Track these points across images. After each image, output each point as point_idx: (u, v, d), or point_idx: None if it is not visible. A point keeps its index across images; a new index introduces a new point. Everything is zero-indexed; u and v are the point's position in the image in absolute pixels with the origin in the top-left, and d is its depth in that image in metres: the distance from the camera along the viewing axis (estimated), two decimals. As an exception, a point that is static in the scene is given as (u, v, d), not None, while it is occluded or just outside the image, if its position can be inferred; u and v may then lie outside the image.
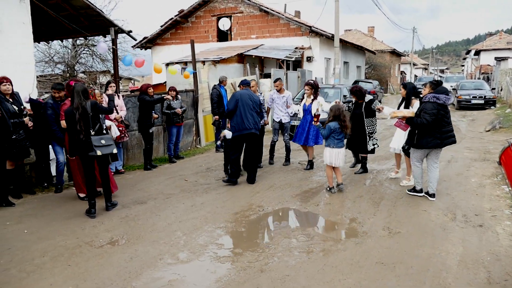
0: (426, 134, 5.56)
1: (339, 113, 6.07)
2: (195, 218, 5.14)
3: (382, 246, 4.30)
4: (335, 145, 6.12)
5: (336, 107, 6.18)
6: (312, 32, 18.93)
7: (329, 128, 6.06)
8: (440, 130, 5.58)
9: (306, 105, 7.59)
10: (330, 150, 6.14)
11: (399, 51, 40.49)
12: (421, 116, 5.49)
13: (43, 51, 18.18)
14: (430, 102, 5.49)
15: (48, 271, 3.75)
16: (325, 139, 6.19)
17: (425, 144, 5.62)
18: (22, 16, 6.66)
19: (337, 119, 6.06)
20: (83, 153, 5.10)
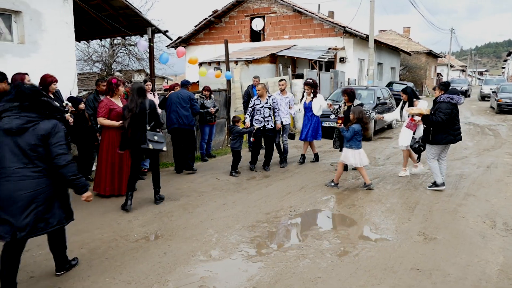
0: (440, 131, 6.07)
1: (362, 115, 6.29)
2: (227, 217, 5.18)
3: (417, 251, 4.20)
4: (357, 147, 6.33)
5: (358, 110, 6.38)
6: (346, 32, 18.68)
7: (353, 130, 6.24)
8: (452, 127, 6.13)
9: (306, 103, 8.03)
10: (352, 152, 6.32)
11: (435, 52, 39.31)
12: (437, 115, 5.97)
13: (83, 50, 18.87)
14: (445, 102, 6.01)
15: (86, 263, 3.88)
16: (348, 141, 6.34)
17: (440, 140, 6.11)
18: (65, 16, 6.93)
19: (360, 121, 6.27)
20: (135, 146, 5.36)
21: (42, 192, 3.18)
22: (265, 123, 7.48)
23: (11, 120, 3.12)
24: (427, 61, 36.42)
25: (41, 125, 3.19)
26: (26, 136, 3.14)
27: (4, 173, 3.10)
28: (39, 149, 3.17)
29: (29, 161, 3.15)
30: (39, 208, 3.16)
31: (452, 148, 10.11)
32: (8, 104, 3.18)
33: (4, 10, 6.13)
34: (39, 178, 3.18)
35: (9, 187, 3.09)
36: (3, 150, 3.12)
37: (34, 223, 3.14)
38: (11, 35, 6.34)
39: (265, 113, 7.49)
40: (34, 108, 3.22)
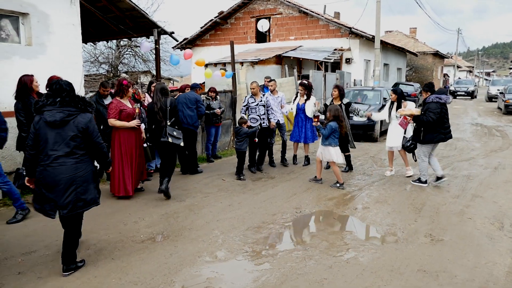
0: (431, 131, 6.29)
1: (338, 113, 6.48)
2: (233, 218, 5.18)
3: (423, 253, 4.17)
4: (335, 144, 6.47)
5: (334, 108, 6.56)
6: (352, 33, 18.64)
7: (331, 128, 6.39)
8: (442, 126, 6.36)
9: (299, 104, 7.99)
10: (333, 149, 6.45)
11: (442, 53, 39.08)
12: (427, 115, 6.21)
13: (89, 52, 18.99)
14: (434, 102, 6.24)
15: (93, 263, 3.90)
16: (325, 139, 6.46)
17: (431, 139, 6.34)
18: (72, 18, 6.96)
19: (336, 119, 6.44)
20: (158, 138, 5.99)
21: (80, 176, 3.63)
22: (261, 121, 7.54)
23: (54, 114, 3.55)
24: (433, 62, 36.22)
25: (79, 118, 3.64)
26: (67, 127, 3.58)
27: (47, 160, 3.55)
28: (77, 139, 3.62)
29: (69, 149, 3.58)
30: (78, 189, 3.61)
31: (459, 149, 10.08)
32: (49, 100, 3.61)
33: (11, 12, 6.18)
34: (77, 164, 3.62)
35: (53, 172, 3.54)
36: (46, 140, 3.56)
37: (74, 202, 3.60)
38: (18, 37, 6.38)
39: (261, 111, 7.54)
40: (72, 102, 3.65)
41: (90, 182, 3.71)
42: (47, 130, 3.56)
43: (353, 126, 10.56)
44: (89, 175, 3.71)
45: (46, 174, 3.55)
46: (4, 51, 6.06)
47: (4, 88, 5.81)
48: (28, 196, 5.88)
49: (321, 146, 6.65)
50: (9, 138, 5.98)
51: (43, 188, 3.57)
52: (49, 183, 3.54)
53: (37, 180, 3.63)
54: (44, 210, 3.63)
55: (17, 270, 3.75)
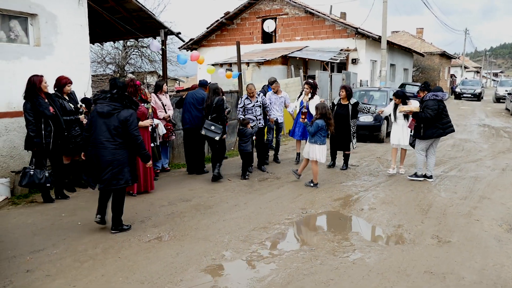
0: (430, 126, 6.63)
1: (325, 111, 6.48)
2: (239, 218, 5.19)
3: (430, 254, 4.15)
4: (321, 142, 6.48)
5: (322, 106, 6.58)
6: (358, 33, 18.59)
7: (317, 126, 6.41)
8: (441, 121, 6.69)
9: (303, 102, 8.00)
10: (319, 147, 6.47)
11: (449, 54, 38.82)
12: (425, 112, 6.55)
13: (96, 52, 19.11)
14: (431, 100, 6.61)
15: (100, 262, 3.93)
16: (312, 136, 6.50)
17: (430, 134, 6.68)
18: (80, 19, 7.02)
19: (323, 117, 6.45)
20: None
21: (117, 159, 4.40)
22: (257, 121, 7.59)
23: (103, 107, 4.39)
24: (440, 63, 35.98)
25: (122, 112, 4.41)
26: (111, 119, 4.38)
27: (95, 142, 4.40)
28: (118, 129, 4.39)
29: (111, 136, 4.38)
30: (114, 170, 4.40)
31: (466, 150, 10.02)
32: (102, 94, 4.49)
33: (20, 13, 6.24)
34: (116, 149, 4.40)
35: (97, 152, 4.39)
36: (97, 127, 4.41)
37: (109, 180, 4.42)
38: (27, 38, 6.44)
39: (257, 111, 7.62)
40: (119, 99, 4.43)
41: (125, 166, 4.47)
42: (97, 118, 4.41)
43: (359, 127, 10.54)
44: (125, 160, 4.46)
45: (93, 153, 4.42)
46: (13, 51, 6.13)
47: (13, 88, 5.87)
48: (36, 195, 5.94)
49: (307, 144, 6.71)
50: (17, 138, 6.07)
51: (90, 164, 4.48)
52: (94, 161, 4.43)
53: (87, 156, 4.55)
54: (89, 182, 4.60)
55: (25, 268, 3.79)
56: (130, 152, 4.54)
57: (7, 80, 5.98)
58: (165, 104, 7.43)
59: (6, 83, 5.97)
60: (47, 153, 5.57)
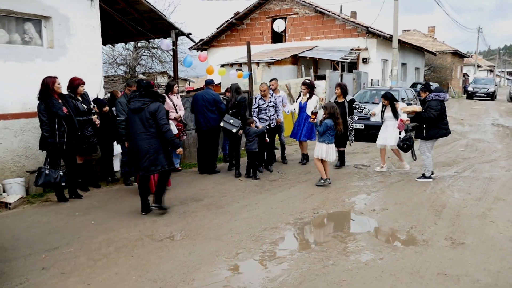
0: (433, 127, 6.68)
1: (333, 111, 6.54)
2: (250, 218, 5.20)
3: (444, 256, 4.11)
4: (330, 141, 6.57)
5: (330, 105, 6.67)
6: (369, 33, 18.47)
7: (326, 125, 6.48)
8: (442, 122, 6.77)
9: (301, 103, 8.09)
10: (326, 146, 6.53)
11: (461, 52, 38.33)
12: (428, 112, 6.60)
13: (108, 53, 19.31)
14: (434, 100, 6.67)
15: (113, 261, 3.97)
16: (320, 135, 6.57)
17: (434, 135, 6.76)
18: (92, 20, 7.09)
19: (332, 116, 6.51)
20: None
21: (152, 148, 5.01)
22: (270, 121, 7.59)
23: (135, 103, 5.08)
24: (452, 61, 35.55)
25: (151, 106, 5.03)
26: (143, 112, 5.02)
27: (133, 135, 5.07)
28: (150, 121, 5.00)
29: (145, 128, 5.01)
30: (151, 157, 5.00)
31: (480, 150, 9.89)
32: (134, 93, 5.23)
33: (34, 15, 6.33)
34: (151, 139, 5.02)
35: (136, 143, 5.04)
36: (133, 121, 5.07)
37: (148, 167, 5.03)
38: (41, 40, 6.53)
39: (271, 112, 7.61)
40: (147, 95, 5.08)
41: (160, 153, 5.07)
42: (132, 115, 5.10)
43: (369, 127, 10.49)
44: (159, 148, 5.06)
45: (133, 145, 5.11)
46: (28, 53, 6.22)
47: (28, 89, 5.95)
48: (50, 194, 6.02)
49: (317, 143, 6.78)
50: (32, 138, 6.16)
51: (131, 155, 5.25)
52: (134, 152, 5.11)
53: (128, 149, 5.37)
54: (130, 171, 5.42)
55: (41, 265, 3.85)
56: (163, 141, 5.11)
57: (22, 81, 6.07)
58: (176, 104, 7.46)
59: (21, 85, 6.06)
60: (61, 153, 5.64)
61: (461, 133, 13.15)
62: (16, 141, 6.07)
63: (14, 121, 6.05)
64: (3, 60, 5.92)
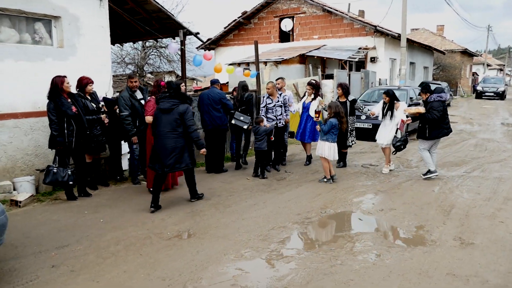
0: (436, 127, 6.77)
1: (338, 110, 6.64)
2: (258, 217, 5.20)
3: (453, 256, 4.08)
4: (333, 140, 6.64)
5: (335, 104, 6.74)
6: (377, 31, 18.36)
7: (331, 124, 6.55)
8: (444, 122, 6.83)
9: (305, 103, 8.09)
10: (329, 145, 6.61)
11: (471, 51, 37.95)
12: (431, 113, 6.65)
13: (116, 53, 19.39)
14: (436, 101, 6.73)
15: (122, 259, 4.00)
16: (325, 134, 6.63)
17: (436, 135, 6.83)
18: (101, 20, 7.14)
19: (337, 115, 6.60)
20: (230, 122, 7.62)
21: (178, 146, 5.28)
22: (277, 121, 7.55)
23: (165, 103, 5.32)
24: (462, 60, 35.23)
25: (180, 107, 5.30)
26: (172, 113, 5.28)
27: (160, 133, 5.29)
28: (178, 121, 5.27)
29: (172, 128, 5.26)
30: (176, 155, 5.27)
31: (490, 150, 9.80)
32: (163, 94, 5.47)
33: (44, 15, 6.39)
34: (177, 138, 5.28)
35: (162, 142, 5.27)
36: (161, 121, 5.30)
37: (173, 164, 5.29)
38: (51, 40, 6.59)
39: (277, 111, 7.57)
40: (176, 96, 5.36)
41: (185, 152, 5.35)
42: (160, 114, 5.33)
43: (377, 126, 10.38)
44: (185, 146, 5.34)
45: (158, 143, 5.30)
46: (38, 53, 6.29)
47: (38, 89, 6.02)
48: (59, 193, 6.08)
49: (319, 141, 6.84)
50: (42, 137, 6.23)
51: (156, 152, 5.33)
52: (159, 149, 5.28)
53: (153, 147, 5.44)
54: (154, 168, 5.36)
55: (51, 263, 3.89)
56: (188, 140, 5.38)
57: (32, 81, 6.14)
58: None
59: (31, 84, 6.13)
60: (69, 151, 5.70)
61: (470, 132, 13.04)
62: (26, 139, 6.14)
63: (25, 120, 6.13)
64: (14, 60, 5.99)
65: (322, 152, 6.68)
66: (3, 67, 5.89)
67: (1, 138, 5.88)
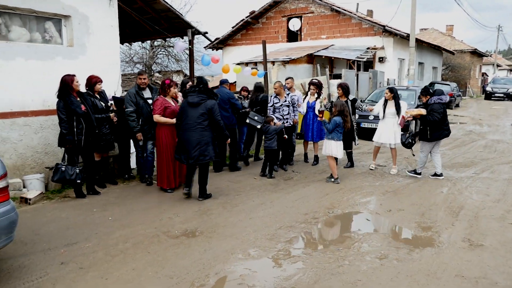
0: (437, 129, 6.84)
1: (343, 108, 6.67)
2: (265, 216, 5.21)
3: (461, 258, 4.05)
4: (338, 138, 6.67)
5: (340, 103, 6.78)
6: (386, 31, 18.27)
7: (335, 122, 6.59)
8: (444, 123, 6.89)
9: (309, 103, 8.17)
10: (335, 143, 6.66)
11: (480, 51, 37.60)
12: (432, 115, 6.73)
13: (124, 52, 19.51)
14: (437, 103, 6.80)
15: (130, 257, 4.03)
16: (330, 133, 6.67)
17: (437, 136, 6.90)
18: (110, 19, 7.19)
19: (341, 114, 6.63)
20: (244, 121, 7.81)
21: (204, 139, 5.56)
22: (284, 121, 7.53)
23: (193, 98, 5.62)
24: (471, 61, 34.91)
25: (208, 102, 5.62)
26: (199, 107, 5.58)
27: (187, 126, 5.58)
28: (205, 115, 5.58)
29: (199, 121, 5.55)
30: (201, 148, 5.55)
31: (499, 151, 9.71)
32: (192, 88, 5.79)
33: (54, 14, 6.45)
34: (203, 131, 5.57)
35: (189, 134, 5.56)
36: (188, 114, 5.60)
37: (198, 156, 5.56)
38: (61, 39, 6.65)
39: (284, 111, 7.55)
40: (205, 92, 5.67)
41: (210, 145, 5.61)
42: (188, 108, 5.61)
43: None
44: (210, 140, 5.62)
45: (184, 135, 5.58)
46: (49, 52, 6.35)
47: (48, 87, 6.07)
48: (68, 191, 6.13)
49: (325, 140, 6.90)
50: (51, 135, 6.29)
51: (181, 144, 5.62)
52: (185, 141, 5.56)
53: (179, 138, 5.71)
54: (180, 159, 5.68)
55: (60, 260, 3.93)
56: (213, 134, 5.69)
57: (42, 79, 6.20)
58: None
59: (41, 83, 6.19)
60: (79, 150, 5.74)
61: (479, 133, 12.92)
62: (36, 138, 6.21)
63: (34, 118, 6.19)
64: (24, 59, 6.05)
65: (330, 151, 6.72)
66: (14, 66, 5.95)
67: (11, 136, 5.95)
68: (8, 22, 6.07)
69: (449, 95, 21.01)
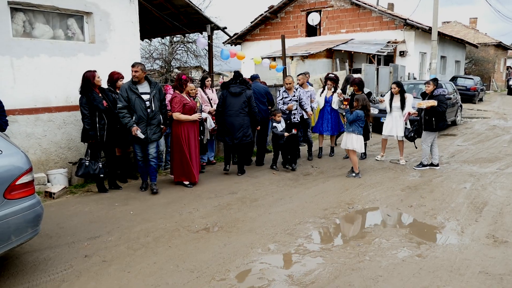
0: (441, 120, 7.14)
1: (366, 103, 6.74)
2: (284, 211, 5.20)
3: (485, 255, 3.96)
4: (359, 132, 6.73)
5: (362, 97, 6.82)
6: (407, 25, 17.91)
7: (356, 114, 6.63)
8: (445, 115, 7.32)
9: (327, 97, 8.32)
10: (356, 137, 6.70)
11: (505, 44, 36.45)
12: (440, 106, 7.00)
13: (144, 48, 19.69)
14: (441, 95, 7.12)
15: (152, 250, 4.09)
16: (350, 124, 6.71)
17: (442, 126, 7.24)
18: (131, 15, 7.27)
19: (364, 108, 6.69)
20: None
21: (245, 123, 6.70)
22: (292, 116, 7.44)
23: (235, 88, 6.67)
24: (495, 54, 33.90)
25: (247, 92, 6.71)
26: (240, 96, 6.66)
27: (231, 112, 6.64)
28: (245, 103, 6.66)
29: (240, 108, 6.64)
30: (244, 130, 6.68)
31: (525, 146, 9.41)
32: (233, 80, 6.80)
33: (77, 11, 6.57)
34: (244, 116, 6.69)
35: (232, 119, 6.65)
36: (231, 102, 6.65)
37: (241, 137, 6.68)
38: (83, 35, 6.77)
39: (293, 106, 7.44)
40: (243, 83, 6.75)
41: (249, 128, 6.77)
42: (230, 97, 6.64)
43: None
44: (249, 124, 6.77)
45: (228, 121, 6.65)
46: (71, 48, 6.47)
47: (71, 83, 6.20)
48: (91, 185, 6.26)
49: (345, 134, 6.93)
50: (74, 131, 6.42)
51: (226, 128, 6.69)
52: (229, 125, 6.64)
53: (221, 124, 6.75)
54: (224, 140, 6.77)
55: (83, 253, 4.02)
56: (249, 119, 6.73)
57: (65, 75, 6.33)
58: (211, 98, 7.54)
59: (64, 79, 6.32)
60: (101, 145, 5.85)
61: (504, 128, 12.57)
62: (59, 133, 6.35)
63: (58, 114, 6.33)
64: (48, 55, 6.19)
65: (351, 144, 6.72)
66: (39, 63, 6.09)
67: (36, 132, 6.10)
68: (32, 20, 6.21)
69: (472, 89, 20.52)
